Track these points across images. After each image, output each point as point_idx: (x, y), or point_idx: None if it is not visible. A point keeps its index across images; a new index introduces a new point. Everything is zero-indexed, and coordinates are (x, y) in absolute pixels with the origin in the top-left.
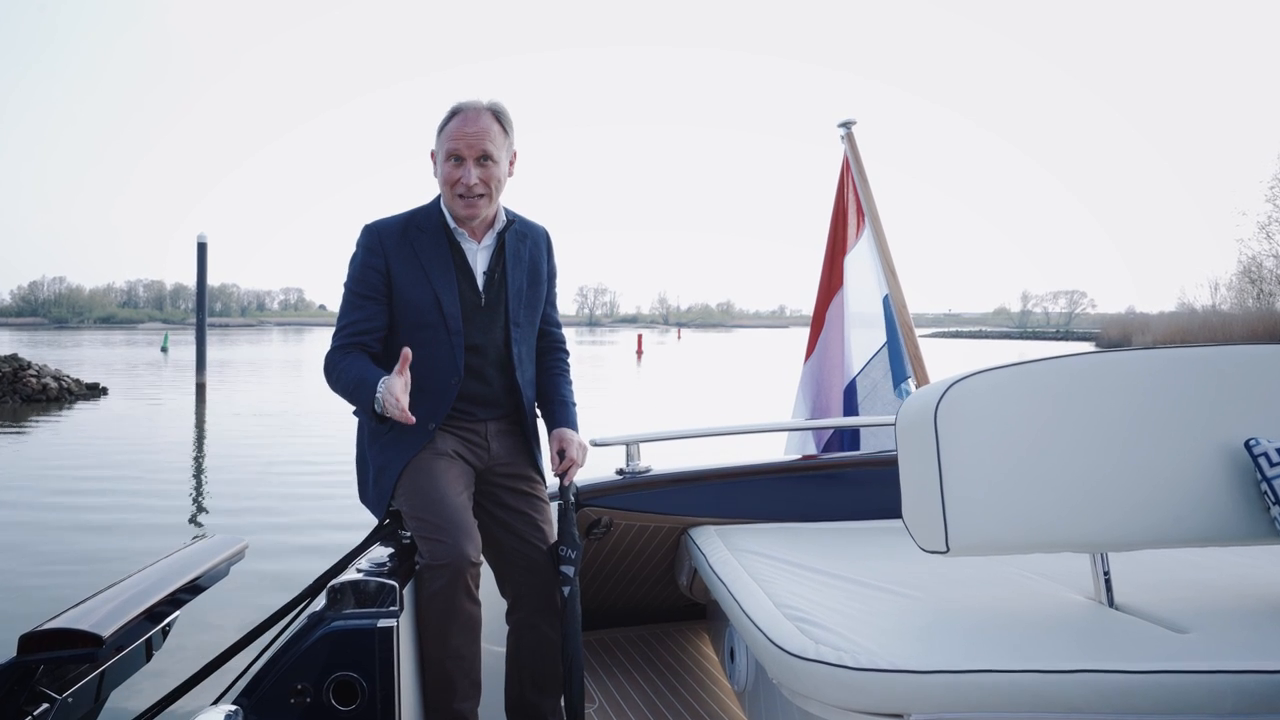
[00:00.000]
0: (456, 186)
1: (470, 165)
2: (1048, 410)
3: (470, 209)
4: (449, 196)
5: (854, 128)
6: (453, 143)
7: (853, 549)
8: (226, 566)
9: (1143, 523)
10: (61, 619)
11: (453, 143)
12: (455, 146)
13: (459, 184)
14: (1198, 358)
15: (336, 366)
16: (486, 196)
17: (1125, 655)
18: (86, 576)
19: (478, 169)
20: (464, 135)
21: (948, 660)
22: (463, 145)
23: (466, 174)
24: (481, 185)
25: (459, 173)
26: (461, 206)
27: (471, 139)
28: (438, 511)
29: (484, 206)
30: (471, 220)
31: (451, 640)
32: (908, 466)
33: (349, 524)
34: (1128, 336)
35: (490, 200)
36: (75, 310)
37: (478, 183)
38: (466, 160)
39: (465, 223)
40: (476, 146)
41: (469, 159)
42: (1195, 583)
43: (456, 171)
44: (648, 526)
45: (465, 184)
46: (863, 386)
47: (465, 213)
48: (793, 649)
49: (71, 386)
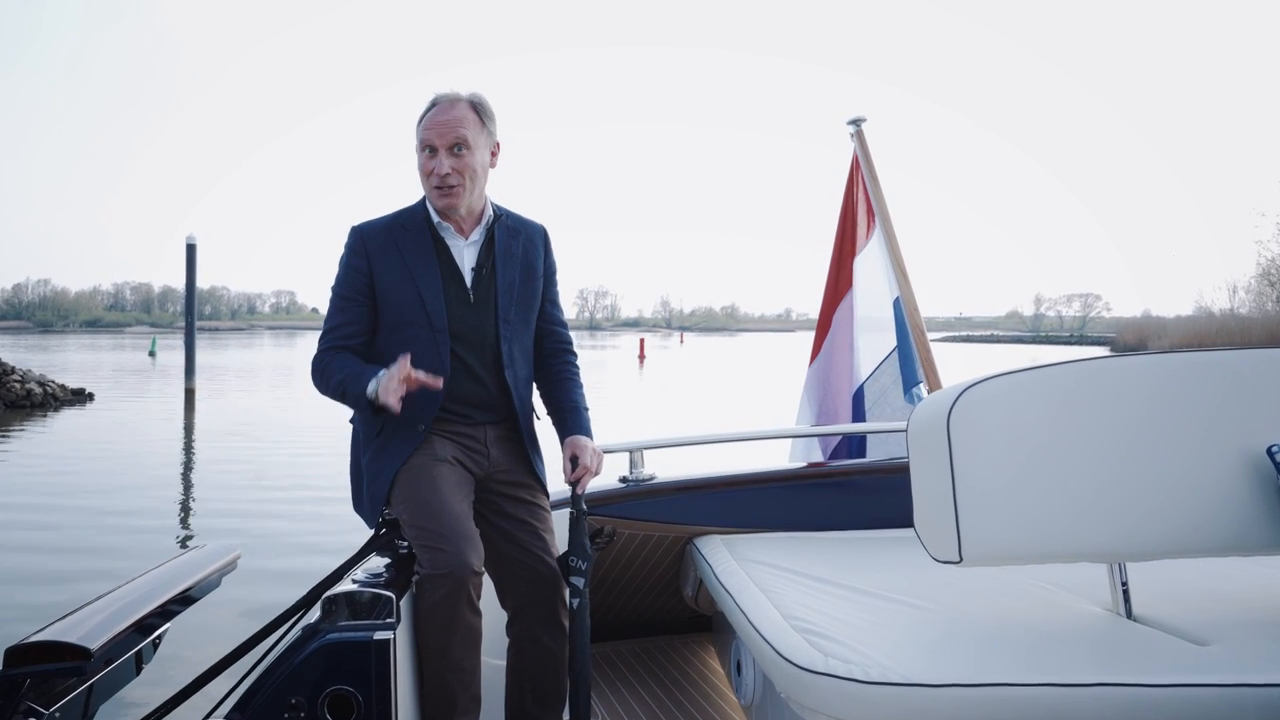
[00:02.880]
0: (431, 177)
1: (443, 155)
2: (1063, 416)
3: (446, 198)
4: (426, 189)
5: (863, 125)
6: (425, 133)
7: (863, 559)
8: (218, 577)
9: (1162, 532)
10: (49, 631)
11: (425, 133)
12: (427, 136)
13: (432, 174)
14: (1217, 362)
15: (327, 367)
16: (462, 187)
17: (1144, 668)
18: (68, 591)
19: (450, 158)
20: (435, 125)
21: (960, 673)
22: (434, 135)
23: (439, 164)
24: (455, 175)
25: (432, 163)
26: (437, 197)
27: (443, 128)
28: (438, 519)
29: (461, 197)
30: (451, 212)
31: (452, 653)
32: (919, 474)
33: (345, 532)
34: (1144, 340)
35: (467, 190)
36: (60, 314)
37: (450, 172)
38: (439, 150)
39: (448, 216)
40: (448, 135)
41: (441, 148)
42: (1216, 593)
43: (430, 162)
44: (652, 536)
45: (438, 174)
46: (871, 392)
47: (442, 203)
48: (801, 662)
49: (57, 392)
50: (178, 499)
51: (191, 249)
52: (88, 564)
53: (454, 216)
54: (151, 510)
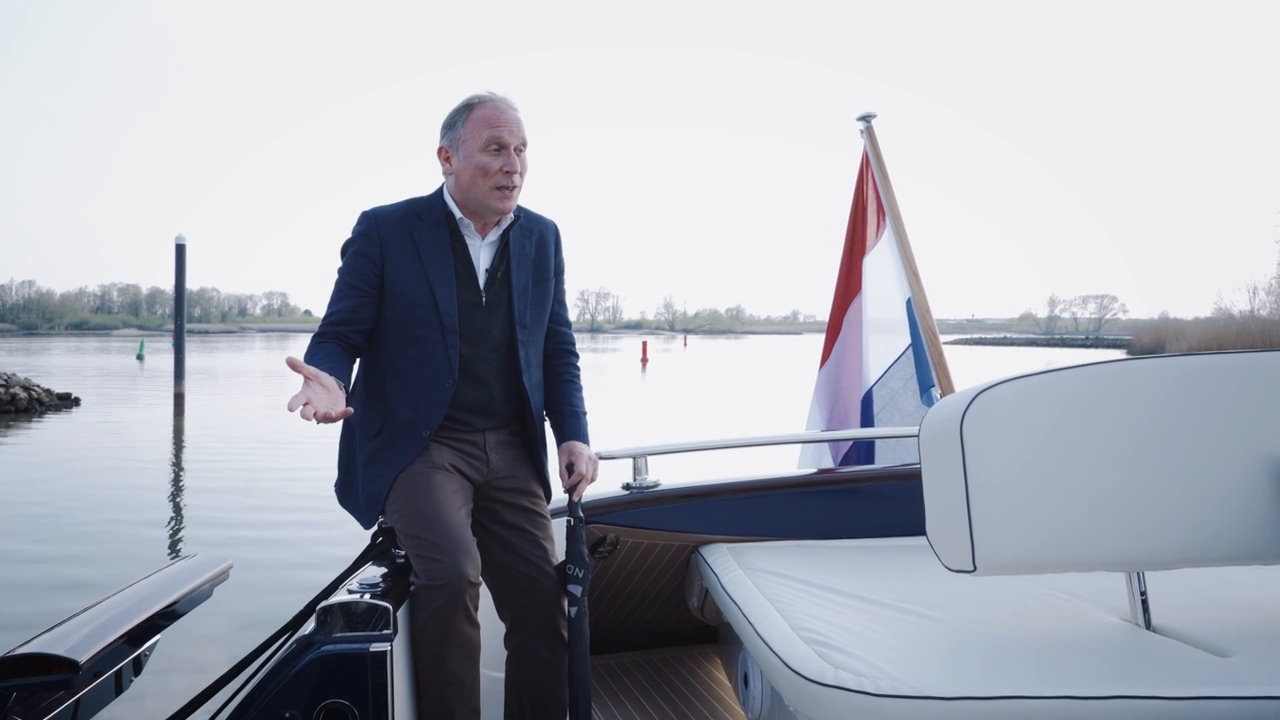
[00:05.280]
0: (497, 176)
1: (512, 153)
2: (1080, 421)
3: (508, 200)
4: (483, 190)
5: (874, 122)
6: (494, 130)
7: (873, 568)
8: (210, 587)
9: (1181, 540)
10: (36, 643)
11: (494, 130)
12: (498, 134)
13: (500, 173)
14: (1237, 365)
15: (311, 356)
16: (519, 189)
17: (1163, 680)
18: (54, 603)
19: (518, 158)
20: (508, 122)
21: (974, 686)
22: (507, 132)
23: (511, 161)
24: (520, 177)
25: (501, 161)
26: (500, 198)
27: (515, 125)
28: (434, 528)
29: (517, 199)
30: (503, 213)
31: (449, 665)
32: (931, 480)
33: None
34: (1161, 343)
35: (519, 193)
36: (45, 316)
37: (518, 171)
38: (508, 147)
39: (474, 213)
40: (519, 133)
41: (511, 145)
42: (1238, 603)
43: (498, 160)
44: (656, 544)
45: (508, 171)
46: (879, 396)
47: (502, 205)
48: (810, 674)
49: (42, 397)
50: (167, 507)
51: (181, 249)
52: (74, 575)
53: (483, 216)
54: (140, 520)
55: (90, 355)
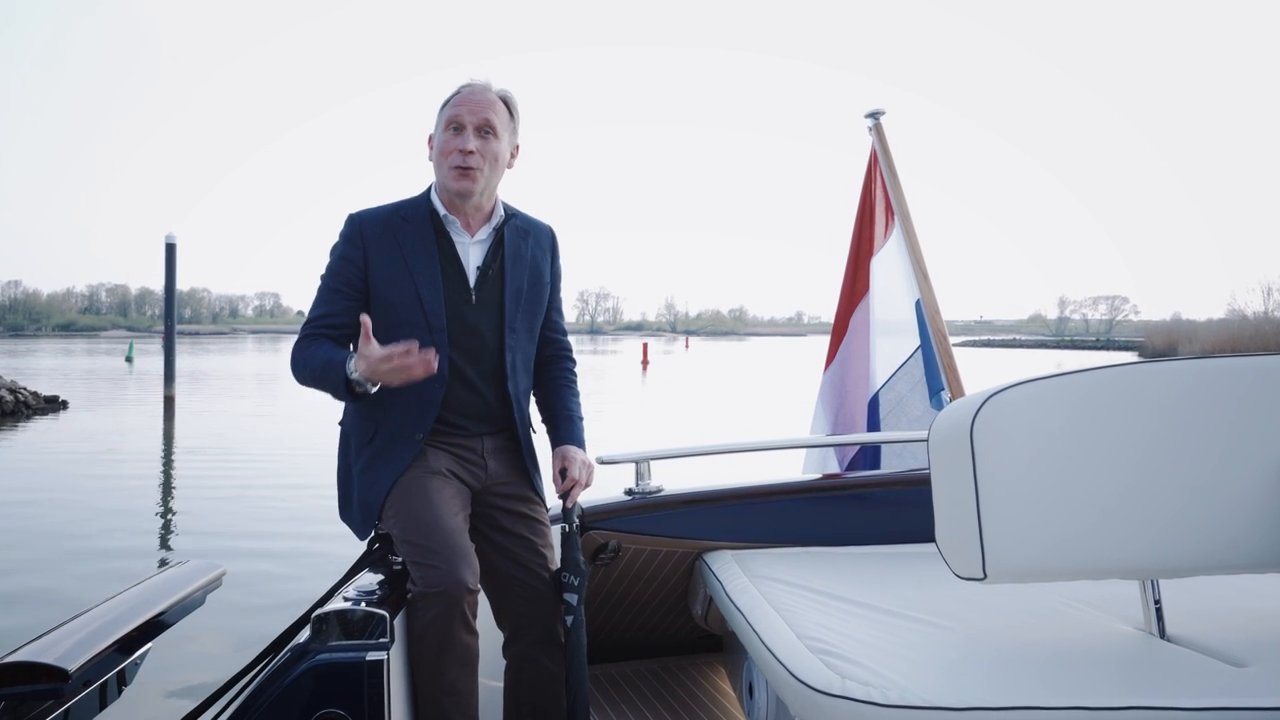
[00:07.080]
0: (452, 156)
1: (469, 133)
2: (1092, 425)
3: (464, 180)
4: (443, 171)
5: (882, 119)
6: (454, 110)
7: (881, 575)
8: (203, 594)
9: (1197, 547)
10: (24, 651)
11: (454, 110)
12: (456, 113)
13: (455, 153)
14: (1252, 368)
15: (303, 354)
16: (481, 171)
17: (1178, 690)
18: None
19: (477, 139)
20: (467, 102)
21: (984, 695)
22: (465, 111)
23: (464, 140)
24: (478, 157)
25: (456, 140)
26: (455, 177)
27: (475, 105)
28: (431, 535)
29: (478, 181)
30: (465, 198)
31: (447, 674)
32: (941, 486)
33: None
34: (1174, 345)
35: (485, 177)
36: (32, 317)
37: (474, 152)
38: (466, 127)
39: (458, 208)
40: (479, 114)
41: (469, 126)
42: (1254, 612)
43: (455, 140)
44: (659, 551)
45: (462, 150)
46: (886, 401)
47: (458, 185)
48: (816, 684)
49: (29, 399)
50: (157, 513)
51: (171, 249)
52: (61, 583)
53: (463, 210)
54: (129, 526)
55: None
